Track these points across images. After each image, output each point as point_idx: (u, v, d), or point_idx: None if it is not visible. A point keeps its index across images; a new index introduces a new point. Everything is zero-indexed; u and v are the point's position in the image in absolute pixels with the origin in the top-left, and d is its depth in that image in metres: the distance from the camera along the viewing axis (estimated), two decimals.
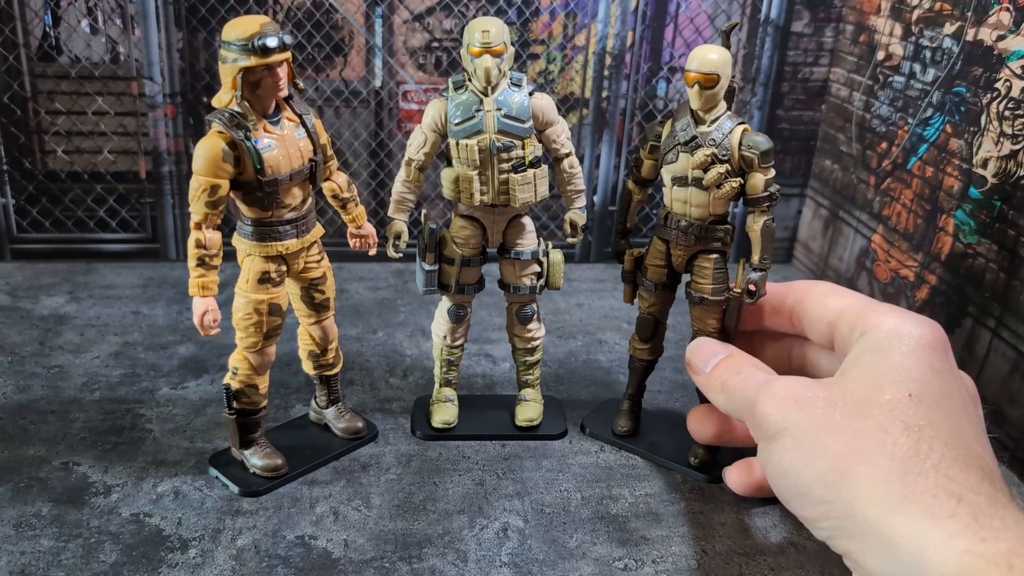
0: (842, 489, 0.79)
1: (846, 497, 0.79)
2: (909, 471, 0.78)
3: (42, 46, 1.77)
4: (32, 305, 1.68)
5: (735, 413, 0.98)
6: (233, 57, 1.01)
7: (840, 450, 0.81)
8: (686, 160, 1.07)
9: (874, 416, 0.83)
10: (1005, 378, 1.33)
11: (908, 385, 0.85)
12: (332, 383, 1.27)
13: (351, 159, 1.94)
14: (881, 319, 0.93)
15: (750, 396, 0.93)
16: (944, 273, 1.51)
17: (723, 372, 1.01)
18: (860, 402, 0.84)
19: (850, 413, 0.83)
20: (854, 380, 0.86)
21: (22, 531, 1.04)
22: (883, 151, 1.73)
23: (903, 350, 0.88)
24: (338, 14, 1.82)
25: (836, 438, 0.82)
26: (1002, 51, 1.37)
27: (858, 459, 0.80)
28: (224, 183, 1.03)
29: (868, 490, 0.78)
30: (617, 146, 1.98)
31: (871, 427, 0.82)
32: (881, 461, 0.80)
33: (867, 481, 0.79)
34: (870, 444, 0.81)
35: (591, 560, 1.04)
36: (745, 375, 0.97)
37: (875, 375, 0.87)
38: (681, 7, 1.89)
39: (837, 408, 0.84)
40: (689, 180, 1.09)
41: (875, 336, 0.91)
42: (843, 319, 0.99)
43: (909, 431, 0.81)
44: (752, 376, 0.96)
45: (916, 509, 0.76)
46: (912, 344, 0.89)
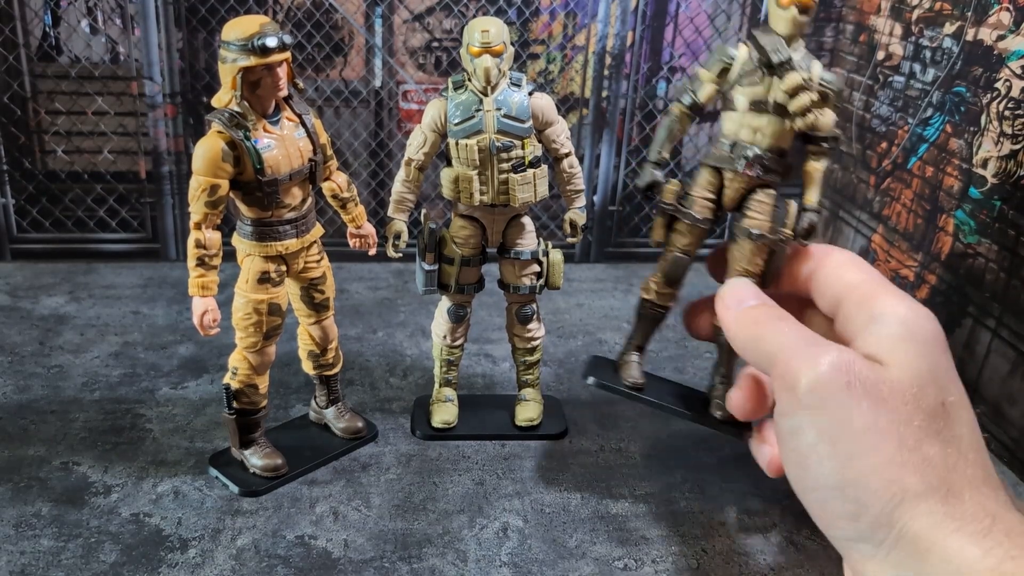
0: (885, 498, 0.74)
1: (887, 508, 0.74)
2: (951, 489, 0.75)
3: (42, 46, 1.77)
4: (32, 305, 1.68)
5: (762, 360, 0.88)
6: (233, 57, 1.01)
7: (887, 456, 0.75)
8: (770, 84, 1.00)
9: (916, 423, 0.78)
10: (1005, 378, 1.33)
11: (946, 391, 0.81)
12: (332, 383, 1.27)
13: (351, 159, 1.94)
14: (895, 305, 0.89)
15: (793, 352, 0.83)
16: (944, 273, 1.51)
17: (760, 313, 0.92)
18: (906, 402, 0.78)
19: (896, 412, 0.78)
20: (899, 372, 0.80)
21: (22, 531, 1.04)
22: (883, 151, 1.73)
23: (936, 348, 0.83)
24: (338, 14, 1.82)
25: (884, 441, 0.76)
26: (1002, 51, 1.37)
27: (906, 470, 0.74)
28: (224, 183, 1.03)
29: (912, 504, 0.74)
30: (617, 146, 1.98)
31: (914, 435, 0.77)
32: (927, 475, 0.75)
33: (913, 495, 0.74)
34: (916, 458, 0.76)
35: (591, 560, 1.04)
36: (790, 327, 0.88)
37: (917, 373, 0.80)
38: (681, 7, 1.88)
39: (886, 405, 0.78)
40: (770, 106, 1.02)
41: (891, 322, 0.85)
42: (853, 295, 0.94)
43: (948, 445, 0.78)
44: (797, 331, 0.87)
45: (957, 526, 0.73)
46: (940, 342, 0.85)
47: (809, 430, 0.80)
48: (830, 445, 0.78)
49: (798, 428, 0.81)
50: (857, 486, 0.76)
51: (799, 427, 0.81)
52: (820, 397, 0.79)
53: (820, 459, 0.79)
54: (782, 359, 0.84)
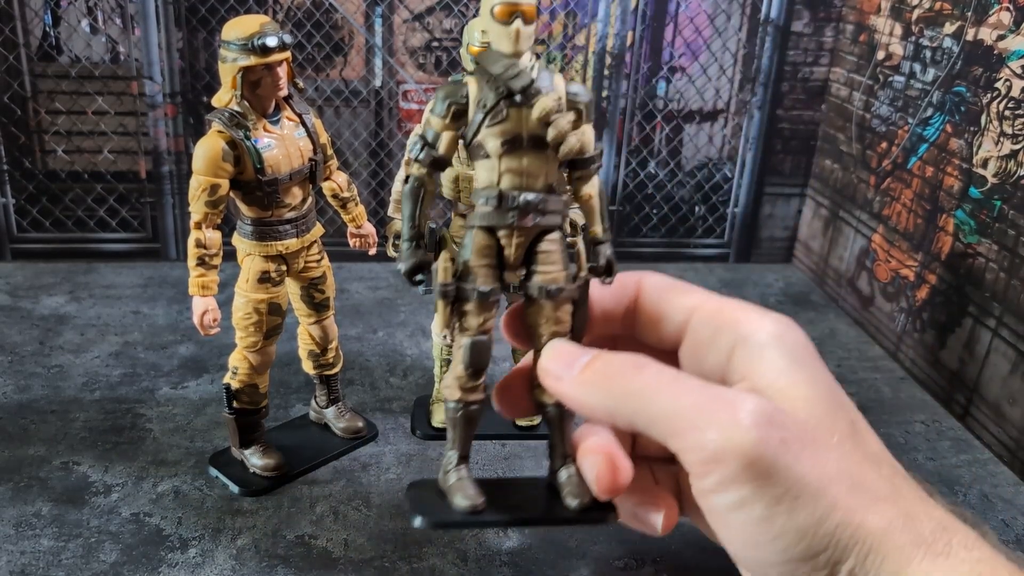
0: (856, 547, 0.66)
1: (860, 558, 0.69)
2: (907, 513, 0.72)
3: (42, 46, 1.77)
4: (32, 305, 1.68)
5: (647, 425, 0.74)
6: (233, 56, 1.01)
7: (849, 501, 0.68)
8: (519, 116, 0.86)
9: (849, 455, 0.74)
10: (1005, 378, 1.33)
11: (847, 407, 0.76)
12: (332, 383, 1.26)
13: (351, 159, 1.94)
14: (758, 322, 0.81)
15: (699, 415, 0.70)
16: (944, 273, 1.51)
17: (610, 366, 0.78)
18: (832, 436, 0.72)
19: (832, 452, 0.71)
20: (807, 407, 0.72)
21: (22, 531, 1.04)
22: (883, 151, 1.73)
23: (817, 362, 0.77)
24: (338, 14, 1.82)
25: (839, 486, 0.68)
26: (1002, 51, 1.37)
27: (866, 512, 0.69)
28: (224, 182, 1.03)
29: (879, 545, 0.70)
30: (617, 146, 1.98)
31: (855, 470, 0.72)
32: (883, 509, 0.71)
33: (880, 534, 0.70)
34: (866, 494, 0.70)
35: (591, 560, 1.04)
36: (665, 378, 0.74)
37: (823, 401, 0.73)
38: (681, 7, 1.88)
39: (820, 448, 0.70)
40: (526, 141, 0.87)
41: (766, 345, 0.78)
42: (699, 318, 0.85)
43: (879, 466, 0.73)
44: (679, 382, 0.74)
45: (922, 554, 0.70)
46: (813, 351, 0.79)
47: (756, 505, 0.70)
48: (787, 516, 0.69)
49: (740, 504, 0.71)
50: (827, 547, 0.69)
51: (742, 503, 0.71)
52: (762, 468, 0.69)
53: (778, 534, 0.70)
54: (685, 427, 0.72)
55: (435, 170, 0.93)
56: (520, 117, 0.88)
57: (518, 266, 0.93)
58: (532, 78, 0.87)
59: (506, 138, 0.84)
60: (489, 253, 0.93)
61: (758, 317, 0.81)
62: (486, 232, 0.93)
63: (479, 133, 0.89)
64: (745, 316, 0.82)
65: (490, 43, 0.86)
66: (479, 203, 0.92)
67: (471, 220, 0.93)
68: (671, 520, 0.89)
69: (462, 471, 0.97)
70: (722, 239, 2.09)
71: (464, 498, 0.96)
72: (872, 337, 1.72)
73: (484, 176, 0.92)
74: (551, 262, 0.93)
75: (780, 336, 0.79)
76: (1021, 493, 1.24)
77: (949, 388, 1.47)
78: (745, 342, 0.79)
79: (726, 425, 0.68)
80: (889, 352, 1.66)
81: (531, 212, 0.86)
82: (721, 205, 2.06)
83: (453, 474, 0.98)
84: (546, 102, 0.87)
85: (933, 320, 1.53)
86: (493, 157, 0.90)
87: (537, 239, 0.92)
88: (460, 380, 0.97)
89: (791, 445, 0.67)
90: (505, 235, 0.93)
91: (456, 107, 0.90)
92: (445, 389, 0.99)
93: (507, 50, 0.88)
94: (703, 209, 2.06)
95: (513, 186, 0.87)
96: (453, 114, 0.85)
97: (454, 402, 0.99)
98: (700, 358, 0.85)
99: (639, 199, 2.03)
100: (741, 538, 0.71)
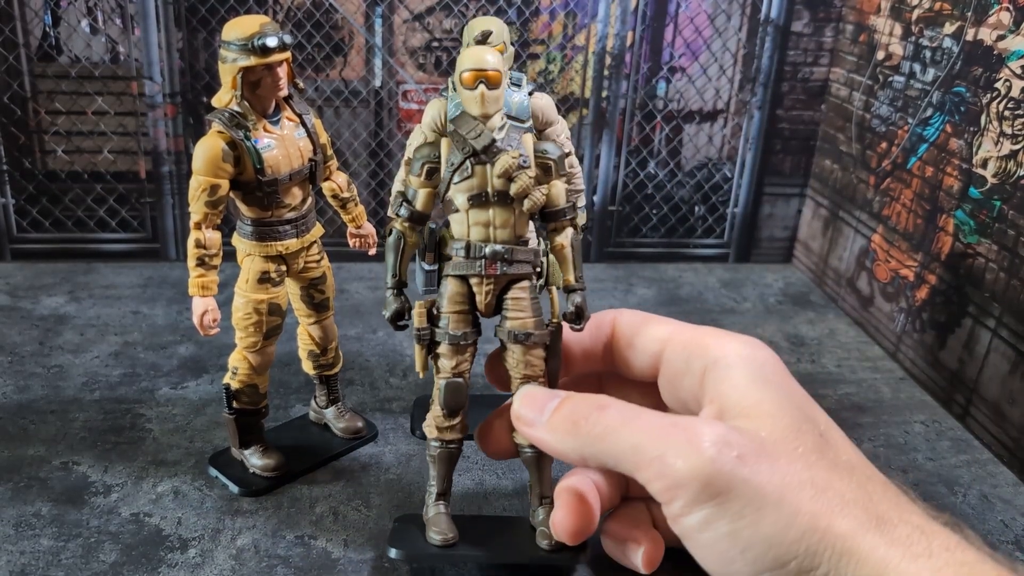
0: (825, 552, 0.69)
1: (833, 559, 0.68)
2: (880, 516, 0.72)
3: (42, 46, 1.77)
4: (32, 305, 1.68)
5: (614, 462, 0.77)
6: (233, 57, 1.01)
7: (813, 507, 0.70)
8: (483, 172, 0.92)
9: (814, 465, 0.72)
10: (1005, 378, 1.33)
11: (816, 420, 0.74)
12: (332, 383, 1.26)
13: (351, 159, 1.94)
14: (725, 346, 0.80)
15: (659, 445, 0.73)
16: (944, 273, 1.51)
17: (576, 410, 0.81)
18: (795, 448, 0.72)
19: (794, 463, 0.72)
20: (771, 422, 0.74)
21: (22, 531, 1.04)
22: (883, 151, 1.73)
23: (785, 378, 0.77)
24: (338, 14, 1.82)
25: (801, 493, 0.70)
26: (1002, 51, 1.37)
27: (833, 517, 0.69)
28: (224, 183, 1.03)
29: (852, 547, 0.70)
30: (617, 146, 1.98)
31: (821, 477, 0.71)
32: (853, 512, 0.71)
33: (851, 537, 0.70)
34: (835, 500, 0.71)
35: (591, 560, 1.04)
36: (625, 414, 0.77)
37: (788, 415, 0.74)
38: (681, 7, 1.88)
39: (780, 460, 0.71)
40: (491, 196, 0.92)
41: (733, 365, 0.78)
42: (672, 348, 0.86)
43: (849, 473, 0.73)
44: (640, 418, 0.77)
45: (900, 553, 0.70)
46: (782, 369, 0.77)
47: (721, 521, 0.72)
48: (752, 528, 0.71)
49: (707, 522, 0.73)
50: (796, 554, 0.70)
51: (708, 521, 0.73)
52: (721, 484, 0.71)
53: (746, 546, 0.71)
54: (648, 458, 0.74)
55: (416, 224, 0.97)
56: (484, 174, 0.92)
57: (490, 313, 0.97)
58: (493, 138, 0.90)
59: (472, 193, 0.93)
60: (461, 300, 0.96)
61: (727, 341, 0.84)
62: (459, 280, 0.96)
63: (449, 189, 0.93)
64: (715, 341, 0.85)
65: None
66: (453, 253, 0.95)
67: (446, 270, 0.98)
68: (653, 556, 0.92)
69: (440, 506, 1.00)
70: (722, 239, 2.09)
71: (437, 533, 1.00)
72: (872, 337, 1.72)
73: (456, 229, 0.96)
74: (520, 308, 0.95)
75: (748, 357, 0.82)
76: (1020, 493, 1.24)
77: (949, 388, 1.47)
78: (715, 365, 0.81)
79: (683, 451, 0.72)
80: (889, 352, 1.66)
81: (497, 261, 0.94)
82: (721, 205, 2.06)
83: (432, 509, 1.03)
84: (505, 160, 0.90)
85: (933, 320, 1.53)
86: (462, 211, 0.94)
87: (507, 287, 0.96)
88: (437, 420, 1.01)
89: (747, 460, 0.70)
90: (476, 283, 0.95)
91: (429, 166, 0.94)
92: (425, 428, 1.02)
93: (475, 112, 0.92)
94: (703, 209, 2.06)
95: (480, 238, 0.94)
96: (427, 172, 0.94)
97: (433, 440, 1.00)
98: (676, 385, 0.88)
99: (639, 199, 2.03)
100: (714, 556, 0.73)
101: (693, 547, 0.78)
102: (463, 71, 0.92)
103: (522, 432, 0.89)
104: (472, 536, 1.00)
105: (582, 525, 0.92)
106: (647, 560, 0.93)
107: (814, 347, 1.66)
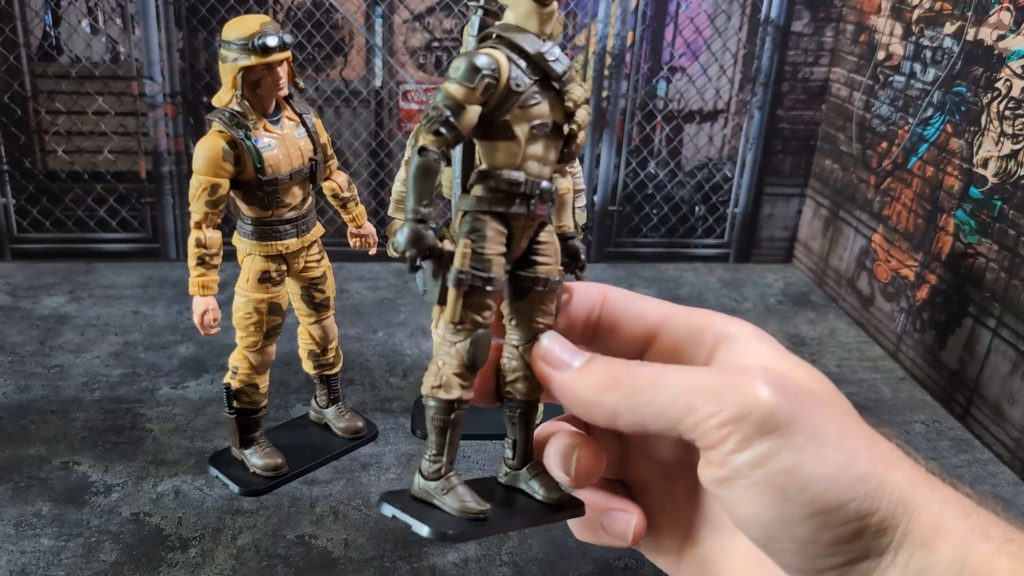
0: (883, 498, 0.69)
1: (889, 507, 0.69)
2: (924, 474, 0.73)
3: (42, 46, 1.77)
4: (32, 305, 1.68)
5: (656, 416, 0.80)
6: (233, 56, 1.01)
7: (869, 455, 0.71)
8: (552, 100, 0.91)
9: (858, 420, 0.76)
10: (1005, 377, 1.33)
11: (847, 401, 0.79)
12: (332, 383, 1.26)
13: (351, 159, 1.94)
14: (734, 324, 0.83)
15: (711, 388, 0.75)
16: (944, 273, 1.51)
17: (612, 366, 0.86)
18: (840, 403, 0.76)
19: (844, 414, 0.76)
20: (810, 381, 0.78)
21: (22, 530, 1.04)
22: (883, 151, 1.73)
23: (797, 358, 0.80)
24: (338, 14, 1.82)
25: (857, 440, 0.72)
26: (1002, 51, 1.37)
27: (886, 466, 0.71)
28: (224, 182, 1.03)
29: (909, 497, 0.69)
30: (617, 146, 1.98)
31: (867, 433, 0.75)
32: (905, 466, 0.72)
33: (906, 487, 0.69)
34: (884, 453, 0.73)
35: (591, 560, 1.04)
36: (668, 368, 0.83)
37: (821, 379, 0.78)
38: (681, 7, 1.88)
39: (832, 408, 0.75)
40: (549, 128, 0.93)
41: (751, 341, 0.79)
42: (672, 323, 0.86)
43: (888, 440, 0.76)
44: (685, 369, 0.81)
45: (952, 510, 0.70)
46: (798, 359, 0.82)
47: (781, 454, 0.72)
48: (814, 463, 0.71)
49: (766, 456, 0.74)
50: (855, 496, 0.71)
51: (767, 455, 0.74)
52: (781, 418, 0.73)
53: (805, 482, 0.72)
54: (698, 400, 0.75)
55: (451, 147, 0.89)
56: (551, 103, 0.86)
57: (520, 256, 0.91)
58: (570, 63, 0.86)
59: (538, 122, 0.86)
60: (503, 242, 0.90)
61: (733, 321, 0.83)
62: (500, 218, 0.90)
63: (509, 113, 0.86)
64: (721, 320, 0.84)
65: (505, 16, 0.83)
66: (491, 186, 0.87)
67: (481, 205, 0.88)
68: (641, 528, 0.90)
69: (457, 477, 0.95)
70: (722, 239, 2.09)
71: (476, 503, 0.94)
72: (872, 337, 1.72)
73: (504, 159, 0.88)
74: (550, 253, 0.91)
75: (761, 336, 0.81)
76: (1021, 493, 1.24)
77: (949, 388, 1.47)
78: (729, 339, 0.80)
79: (740, 388, 0.72)
80: (889, 352, 1.66)
81: (546, 201, 0.89)
82: (721, 205, 2.06)
83: (453, 479, 0.95)
84: (579, 91, 0.85)
85: (933, 320, 1.53)
86: (520, 140, 0.88)
87: (539, 230, 0.92)
88: (462, 377, 0.95)
89: (805, 400, 0.71)
90: (519, 224, 0.90)
91: (489, 80, 0.86)
92: (438, 390, 0.96)
93: (535, 30, 0.85)
94: (703, 209, 2.06)
95: (534, 173, 0.88)
96: (485, 87, 0.86)
97: (449, 402, 0.97)
98: (676, 359, 0.86)
99: (639, 199, 2.03)
100: (765, 496, 0.73)
101: (740, 491, 0.76)
102: None
103: (545, 375, 0.85)
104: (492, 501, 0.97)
105: (598, 467, 0.91)
106: (638, 528, 0.91)
107: (814, 347, 1.66)
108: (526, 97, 0.84)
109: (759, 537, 0.75)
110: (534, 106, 0.85)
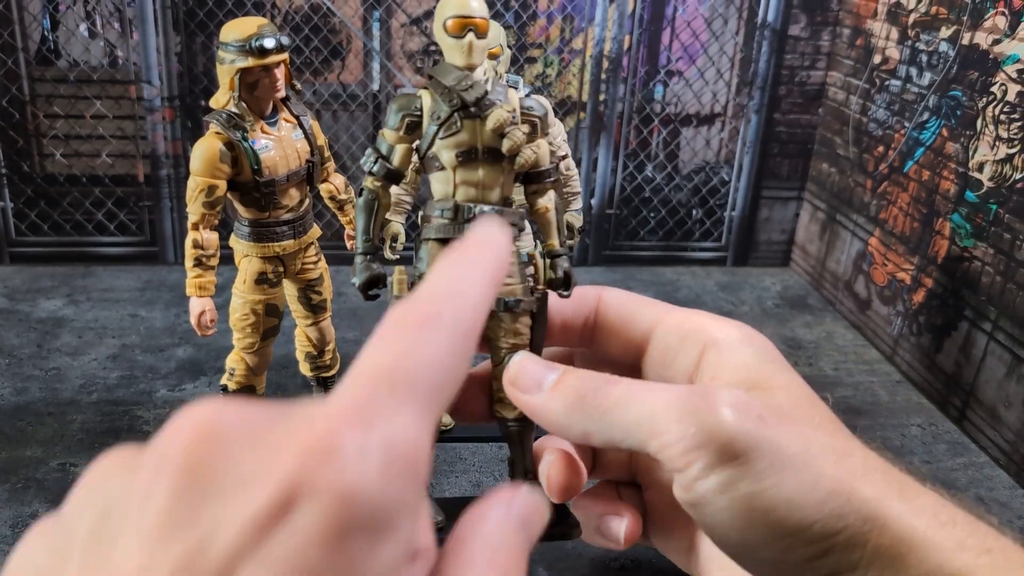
0: (850, 516, 0.69)
1: (857, 523, 0.68)
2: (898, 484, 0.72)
3: (40, 50, 1.77)
4: (30, 308, 1.68)
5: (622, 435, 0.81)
6: (231, 58, 1.01)
7: (836, 471, 0.70)
8: (473, 128, 0.86)
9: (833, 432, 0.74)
10: (1001, 381, 1.33)
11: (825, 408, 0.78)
12: (329, 385, 1.27)
13: (349, 162, 1.94)
14: (723, 329, 0.82)
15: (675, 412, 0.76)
16: (940, 276, 1.51)
17: (581, 384, 0.86)
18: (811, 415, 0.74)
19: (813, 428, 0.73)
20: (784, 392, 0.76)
21: (19, 532, 1.04)
22: (880, 155, 1.73)
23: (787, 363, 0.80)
24: (336, 18, 1.83)
25: (824, 457, 0.71)
26: (998, 55, 1.38)
27: (856, 481, 0.70)
28: (221, 183, 1.04)
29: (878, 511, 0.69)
30: (614, 149, 1.98)
31: (840, 444, 0.73)
32: (875, 479, 0.71)
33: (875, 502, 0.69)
34: (856, 465, 0.71)
35: (589, 560, 1.04)
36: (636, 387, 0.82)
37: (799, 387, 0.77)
38: (678, 11, 1.89)
39: (800, 424, 0.73)
40: (481, 153, 0.88)
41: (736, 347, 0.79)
42: (662, 327, 0.86)
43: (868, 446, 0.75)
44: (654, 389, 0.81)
45: (927, 521, 0.70)
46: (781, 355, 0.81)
47: (743, 482, 0.71)
48: (775, 489, 0.69)
49: (728, 484, 0.74)
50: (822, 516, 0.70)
51: (729, 483, 0.73)
52: (742, 445, 0.73)
53: (768, 508, 0.72)
54: (663, 424, 0.76)
55: (389, 183, 0.94)
56: (474, 129, 0.89)
57: None
58: (486, 90, 0.88)
59: (460, 150, 0.83)
60: None
61: (725, 324, 0.82)
62: (441, 245, 0.93)
63: (433, 145, 0.90)
64: (712, 323, 0.83)
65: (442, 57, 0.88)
66: (434, 215, 0.92)
67: (426, 233, 0.93)
68: (633, 531, 0.90)
69: None
70: (719, 242, 2.10)
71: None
72: (869, 340, 1.72)
73: (439, 188, 0.91)
74: (510, 275, 0.92)
75: (749, 339, 0.80)
76: (1017, 496, 1.24)
77: (945, 391, 1.47)
78: (716, 344, 0.80)
79: (703, 413, 0.71)
80: (885, 355, 1.66)
81: None
82: (718, 209, 2.06)
83: None
84: (500, 114, 0.86)
85: (929, 323, 1.54)
86: (448, 169, 0.90)
87: None
88: None
89: (768, 422, 0.70)
90: None
91: (410, 119, 0.89)
92: None
93: (460, 63, 0.87)
94: (700, 212, 2.07)
95: (468, 198, 0.89)
96: (407, 126, 0.86)
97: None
98: (666, 365, 0.85)
99: (636, 203, 2.03)
100: (731, 521, 0.73)
101: (708, 514, 0.77)
102: (447, 18, 0.84)
103: (517, 400, 0.87)
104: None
105: (575, 480, 0.90)
106: (629, 531, 0.91)
107: (811, 350, 1.67)
108: (446, 127, 0.88)
109: (733, 555, 0.75)
110: (454, 134, 0.87)
